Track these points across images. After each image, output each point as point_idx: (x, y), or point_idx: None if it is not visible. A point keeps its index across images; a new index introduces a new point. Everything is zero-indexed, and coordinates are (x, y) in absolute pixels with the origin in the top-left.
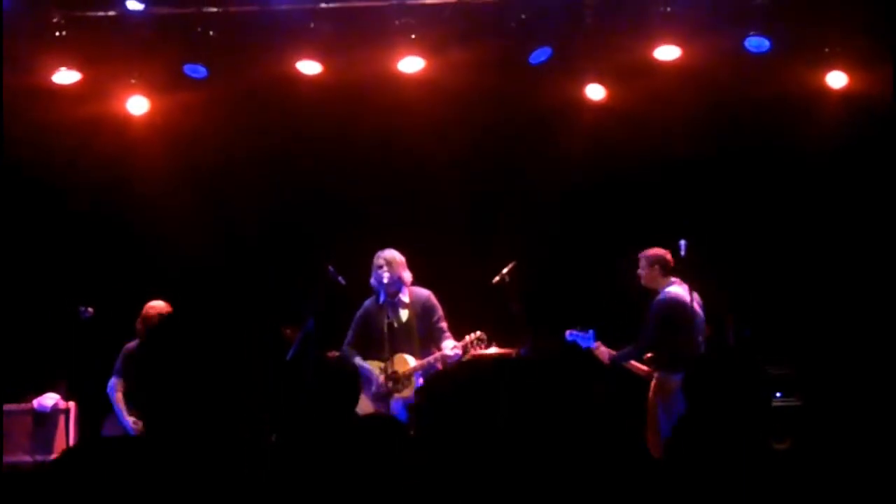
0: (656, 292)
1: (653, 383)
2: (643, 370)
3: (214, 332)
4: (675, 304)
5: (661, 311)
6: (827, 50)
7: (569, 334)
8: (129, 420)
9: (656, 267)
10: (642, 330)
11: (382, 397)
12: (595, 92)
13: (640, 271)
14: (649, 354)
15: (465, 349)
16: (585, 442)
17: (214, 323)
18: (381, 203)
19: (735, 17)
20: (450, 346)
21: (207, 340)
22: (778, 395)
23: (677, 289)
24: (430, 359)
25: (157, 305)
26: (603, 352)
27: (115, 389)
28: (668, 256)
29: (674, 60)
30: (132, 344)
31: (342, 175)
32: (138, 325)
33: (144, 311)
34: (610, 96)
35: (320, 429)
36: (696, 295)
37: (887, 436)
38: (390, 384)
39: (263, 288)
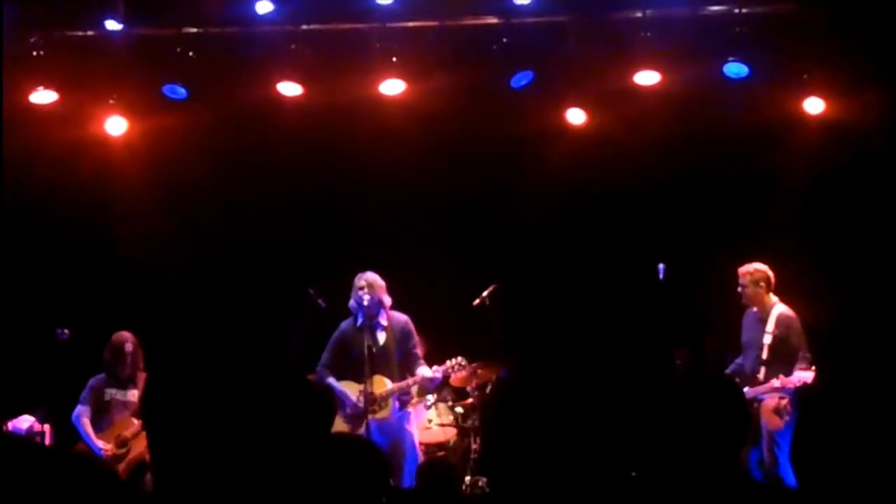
0: (760, 310)
1: (779, 402)
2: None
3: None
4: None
5: (797, 324)
6: (805, 77)
7: None
8: (99, 444)
9: (762, 285)
10: (798, 350)
11: (358, 418)
12: (576, 116)
13: (743, 289)
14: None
15: (445, 374)
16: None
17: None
18: (363, 226)
19: (715, 43)
20: (429, 370)
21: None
22: None
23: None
24: (409, 381)
25: (125, 336)
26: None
27: (81, 416)
28: (772, 273)
29: (654, 85)
30: (100, 377)
31: (323, 197)
32: (106, 356)
33: (112, 341)
34: (590, 121)
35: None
36: None
37: (869, 456)
38: (367, 405)
39: (244, 311)
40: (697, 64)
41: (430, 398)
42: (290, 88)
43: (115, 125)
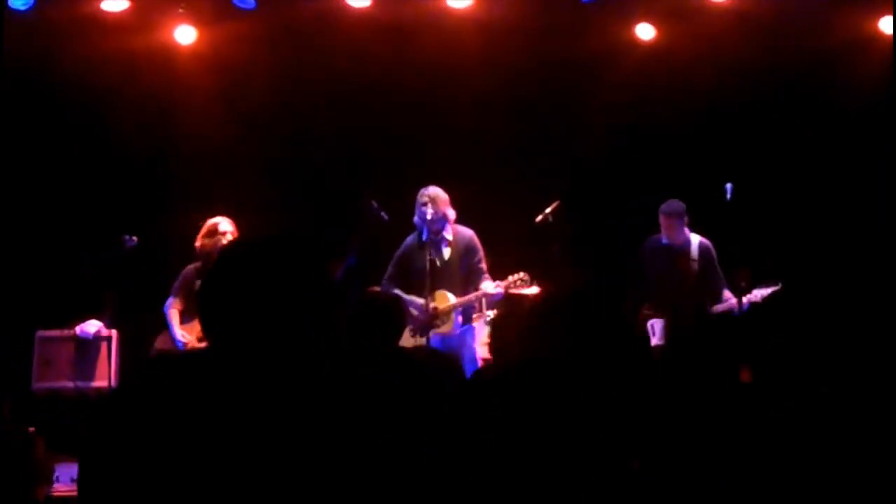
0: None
1: None
2: None
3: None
4: None
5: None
6: None
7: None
8: (179, 335)
9: (686, 219)
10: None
11: (421, 332)
12: (645, 31)
13: (673, 229)
14: None
15: (507, 289)
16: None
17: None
18: (427, 139)
19: None
20: (492, 286)
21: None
22: None
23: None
24: (471, 296)
25: (222, 220)
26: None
27: (171, 307)
28: None
29: (727, 2)
30: (192, 267)
31: (388, 110)
32: (203, 243)
33: (208, 226)
34: (660, 37)
35: (366, 360)
36: None
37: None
38: (430, 320)
39: (305, 222)
40: None
41: (490, 314)
42: None
43: (184, 34)
